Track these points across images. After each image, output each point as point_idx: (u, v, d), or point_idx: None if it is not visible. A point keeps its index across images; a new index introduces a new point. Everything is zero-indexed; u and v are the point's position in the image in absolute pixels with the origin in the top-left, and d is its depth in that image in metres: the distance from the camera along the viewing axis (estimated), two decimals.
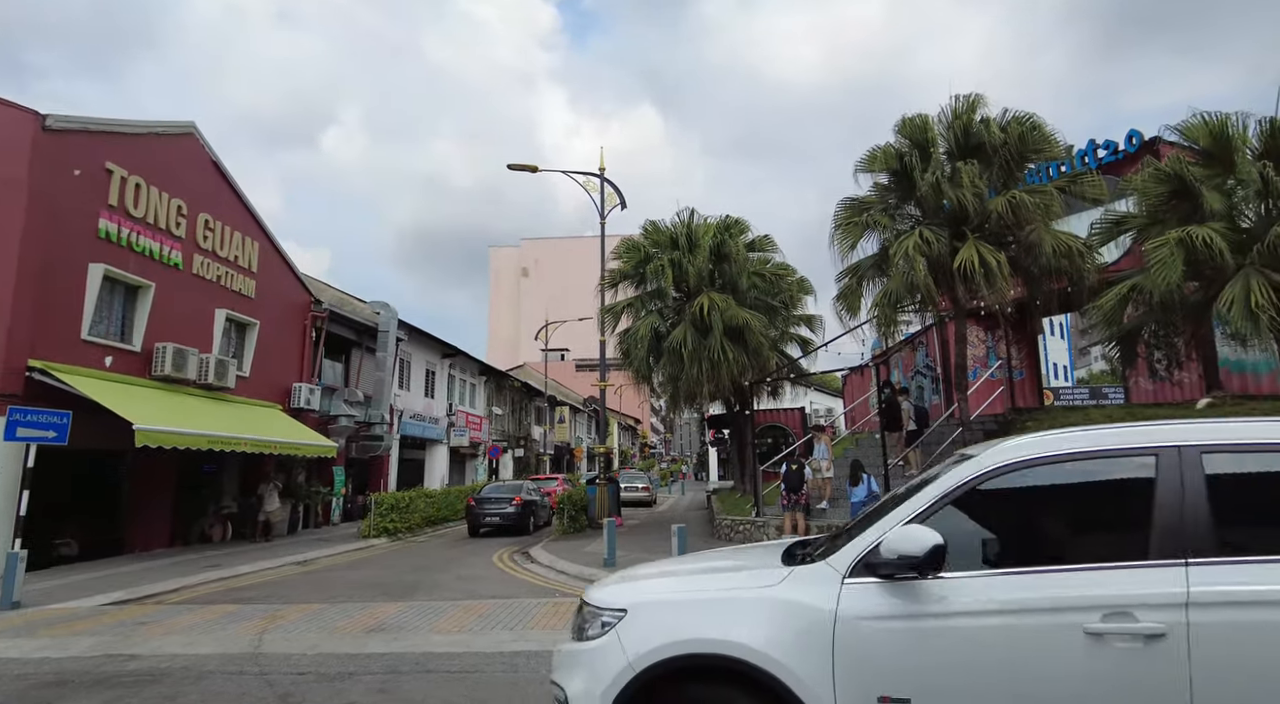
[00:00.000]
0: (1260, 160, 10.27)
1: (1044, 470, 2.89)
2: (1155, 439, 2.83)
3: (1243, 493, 2.74)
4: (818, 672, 2.75)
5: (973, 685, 2.65)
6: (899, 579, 2.79)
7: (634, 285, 19.51)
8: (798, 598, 2.89)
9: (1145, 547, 2.65)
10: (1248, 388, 14.89)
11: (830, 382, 50.00)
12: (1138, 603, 2.55)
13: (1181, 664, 2.47)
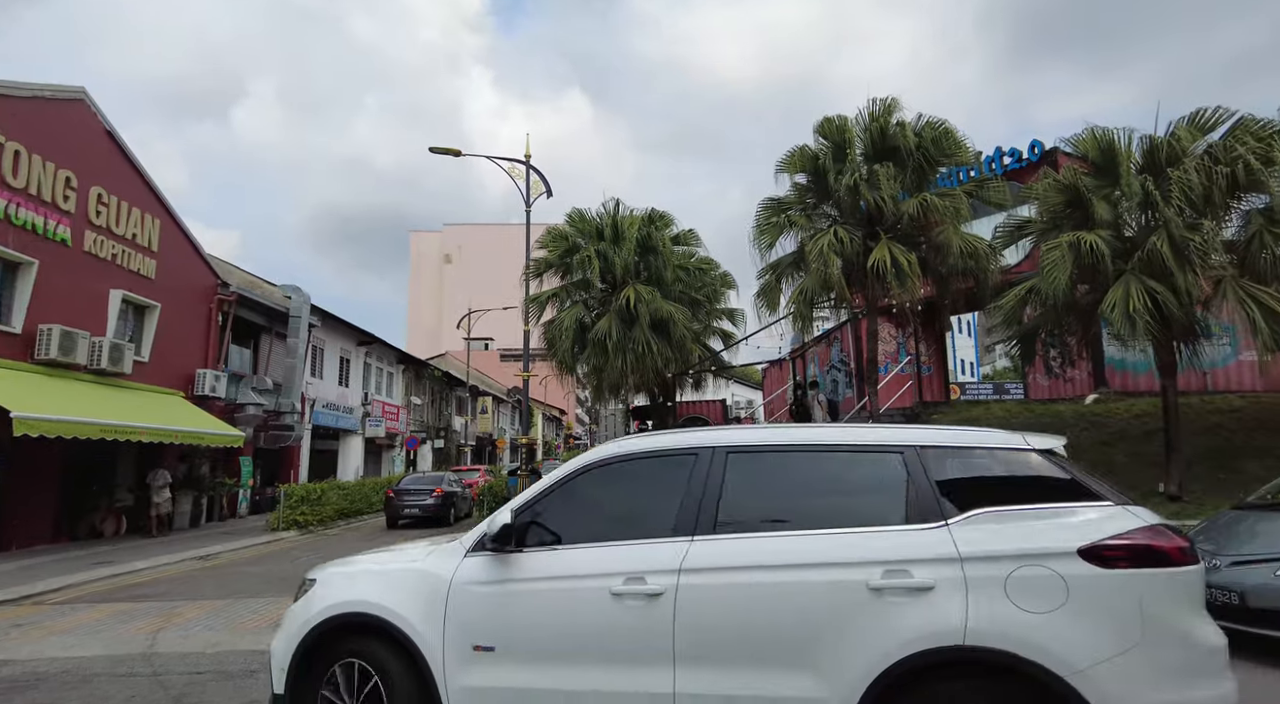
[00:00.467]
0: (1142, 174, 11.05)
1: (617, 467, 3.63)
2: (696, 442, 3.55)
3: (746, 484, 3.38)
4: (433, 627, 3.44)
5: (538, 637, 3.34)
6: (499, 552, 3.48)
7: (559, 275, 19.40)
8: (430, 568, 3.62)
9: (671, 526, 3.31)
10: (1129, 385, 16.06)
11: (751, 374, 51.08)
12: (649, 570, 3.21)
13: (669, 615, 3.13)
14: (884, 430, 3.53)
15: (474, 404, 48.68)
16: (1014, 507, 3.07)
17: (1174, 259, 9.96)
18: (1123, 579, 2.84)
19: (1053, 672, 2.73)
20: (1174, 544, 2.91)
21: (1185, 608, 2.88)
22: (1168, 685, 2.75)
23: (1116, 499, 3.07)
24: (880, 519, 3.15)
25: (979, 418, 15.40)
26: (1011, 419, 14.77)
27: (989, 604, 2.85)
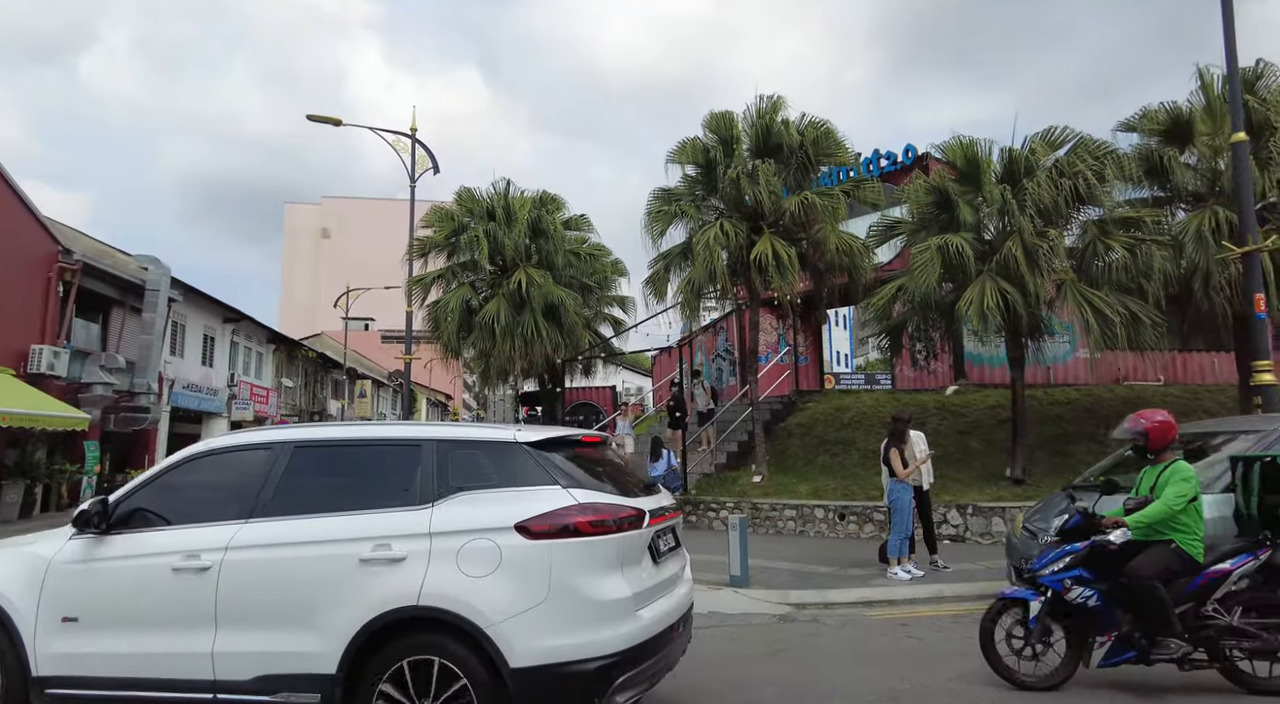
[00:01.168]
0: (1001, 183, 11.99)
1: (208, 459, 4.16)
2: (272, 438, 4.09)
3: (300, 474, 3.90)
4: (31, 602, 3.90)
5: (113, 607, 3.84)
6: (94, 534, 3.94)
7: (446, 255, 18.82)
8: (38, 550, 4.07)
9: (239, 510, 3.83)
10: (985, 378, 17.43)
11: (642, 362, 51.62)
12: (203, 548, 3.74)
13: (214, 586, 3.67)
14: (412, 427, 4.29)
15: (352, 387, 46.61)
16: (489, 490, 3.67)
17: (1025, 263, 10.87)
18: (542, 548, 3.44)
19: (475, 624, 3.34)
20: (587, 519, 3.52)
21: (594, 570, 3.49)
22: (566, 632, 3.37)
23: (566, 483, 3.66)
24: (391, 502, 3.70)
25: (849, 406, 16.28)
26: (879, 408, 15.69)
27: (441, 571, 3.44)
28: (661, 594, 3.88)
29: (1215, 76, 11.89)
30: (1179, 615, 4.65)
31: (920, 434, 9.76)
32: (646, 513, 3.81)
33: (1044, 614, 4.89)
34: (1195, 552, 4.78)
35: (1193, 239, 11.13)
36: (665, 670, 3.92)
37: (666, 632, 3.80)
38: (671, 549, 4.24)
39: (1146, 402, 15.57)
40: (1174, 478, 4.85)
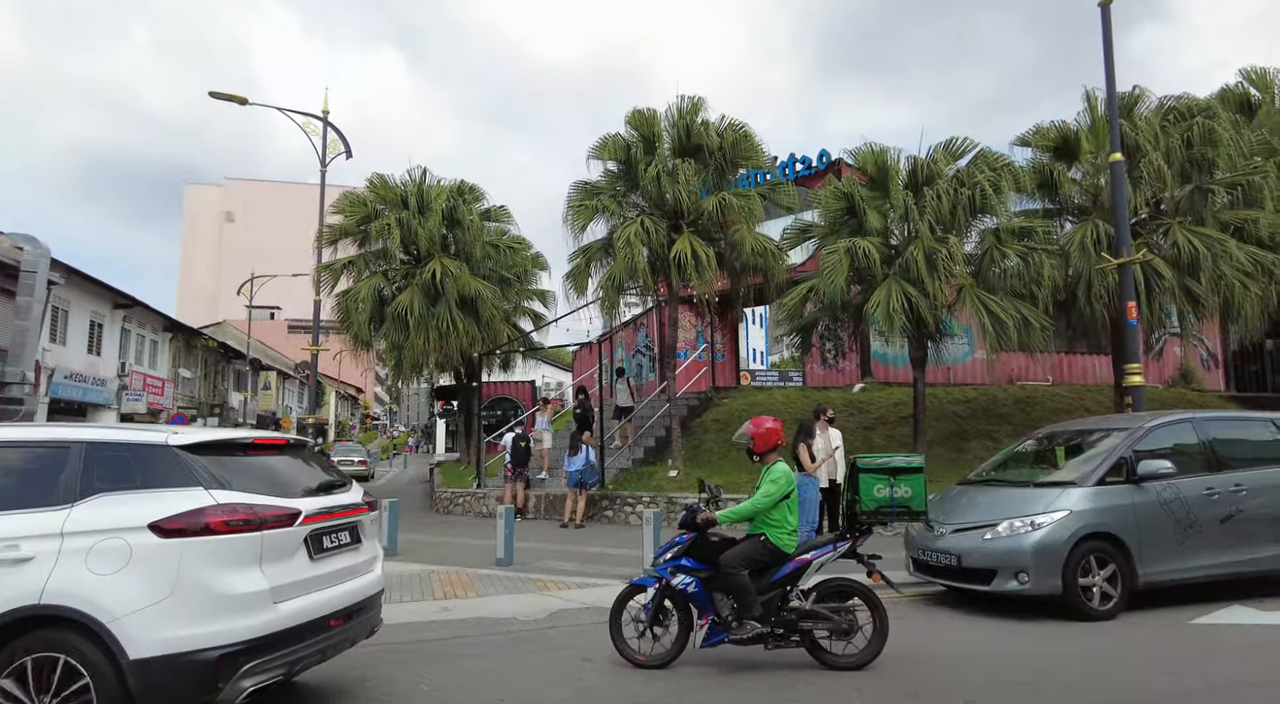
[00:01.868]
0: (906, 190, 12.56)
1: None
2: (60, 436, 4.08)
3: None
4: None
5: None
6: None
7: (357, 243, 18.19)
8: None
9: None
10: (889, 376, 18.20)
11: (562, 356, 51.33)
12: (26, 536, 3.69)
13: None
14: (62, 429, 4.28)
15: (256, 379, 44.48)
16: (132, 491, 3.81)
17: (925, 268, 11.42)
18: (173, 546, 3.64)
19: (98, 620, 3.49)
20: (223, 518, 3.74)
21: (227, 566, 3.72)
22: (190, 624, 3.58)
23: (210, 485, 3.85)
24: (30, 503, 3.80)
25: (762, 402, 16.70)
26: (790, 404, 16.16)
27: (68, 570, 3.58)
28: (320, 587, 4.16)
29: (1099, 99, 12.80)
30: (768, 600, 5.21)
31: (838, 432, 10.12)
32: (301, 513, 4.07)
33: (657, 600, 5.41)
34: (783, 544, 5.31)
35: (1077, 249, 11.96)
36: (318, 657, 4.18)
37: (318, 621, 4.08)
38: (345, 545, 4.49)
39: (1037, 400, 16.66)
40: (766, 478, 5.42)
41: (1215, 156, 12.41)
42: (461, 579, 9.01)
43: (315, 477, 4.64)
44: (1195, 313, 12.51)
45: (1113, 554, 6.67)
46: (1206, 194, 12.47)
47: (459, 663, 5.76)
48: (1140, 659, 5.49)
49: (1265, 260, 12.06)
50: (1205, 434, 7.51)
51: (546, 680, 5.30)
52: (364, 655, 5.93)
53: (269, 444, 4.59)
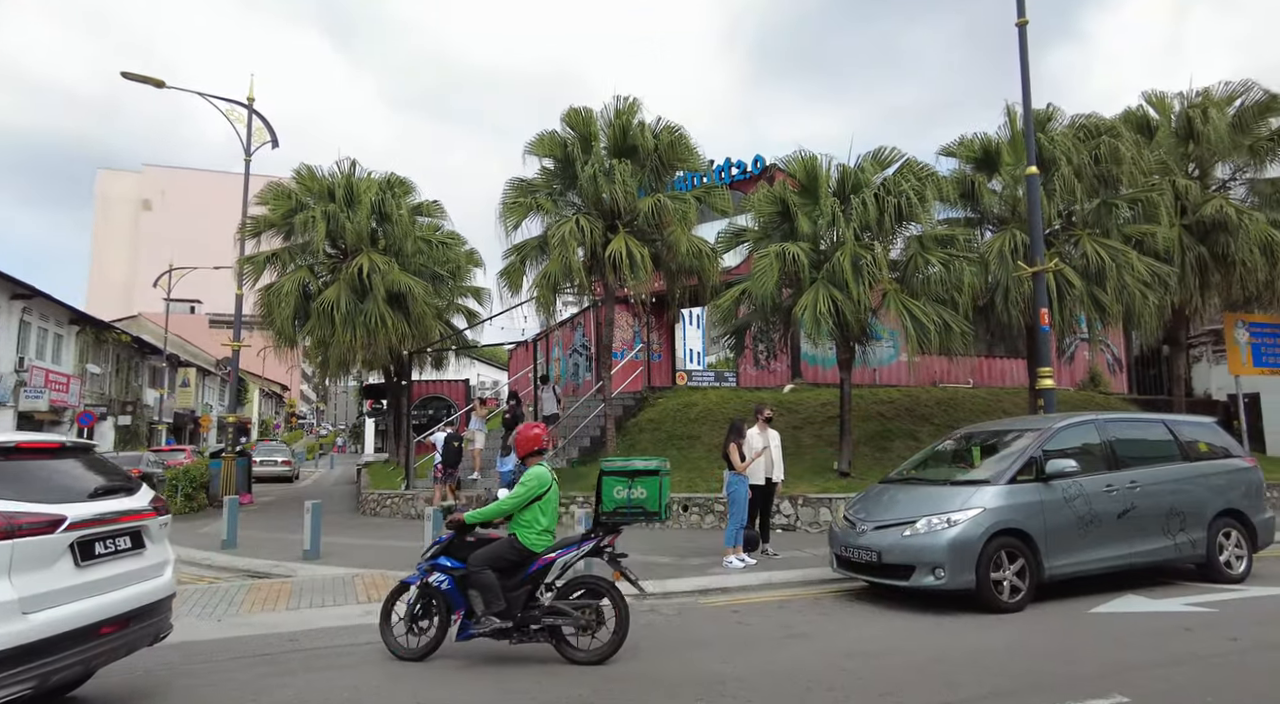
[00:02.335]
0: (835, 197, 12.89)
1: None
2: None
3: None
4: None
5: None
6: None
7: (282, 236, 17.55)
8: None
9: None
10: (818, 377, 18.65)
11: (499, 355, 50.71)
12: None
13: None
14: None
15: (173, 375, 42.44)
16: None
17: (851, 273, 11.75)
18: None
19: None
20: None
21: None
22: None
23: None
24: None
25: (697, 402, 16.89)
26: (724, 404, 16.39)
27: None
28: (88, 594, 4.10)
29: (1018, 113, 13.40)
30: (515, 597, 5.48)
31: (775, 432, 10.29)
32: (66, 519, 4.03)
33: (418, 596, 5.70)
34: (531, 543, 5.57)
35: (996, 258, 12.49)
36: (80, 667, 4.11)
37: (84, 630, 4.00)
38: (123, 551, 4.47)
39: (958, 401, 17.34)
40: (520, 481, 5.73)
41: (1119, 173, 13.16)
42: (387, 582, 8.78)
43: (93, 481, 4.57)
44: (1102, 320, 13.23)
45: (1022, 549, 6.99)
46: (1112, 208, 13.21)
47: (378, 669, 5.63)
48: (1045, 648, 5.77)
49: (1162, 272, 12.86)
50: (1107, 434, 7.96)
51: (461, 684, 5.23)
52: (285, 661, 5.75)
53: (37, 448, 4.48)
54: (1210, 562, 7.86)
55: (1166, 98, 15.87)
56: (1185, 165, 15.67)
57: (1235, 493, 8.18)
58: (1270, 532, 8.39)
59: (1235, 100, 15.48)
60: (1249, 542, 8.08)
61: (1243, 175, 15.98)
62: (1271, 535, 8.45)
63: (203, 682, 5.29)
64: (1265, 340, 16.67)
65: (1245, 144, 15.39)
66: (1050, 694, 4.66)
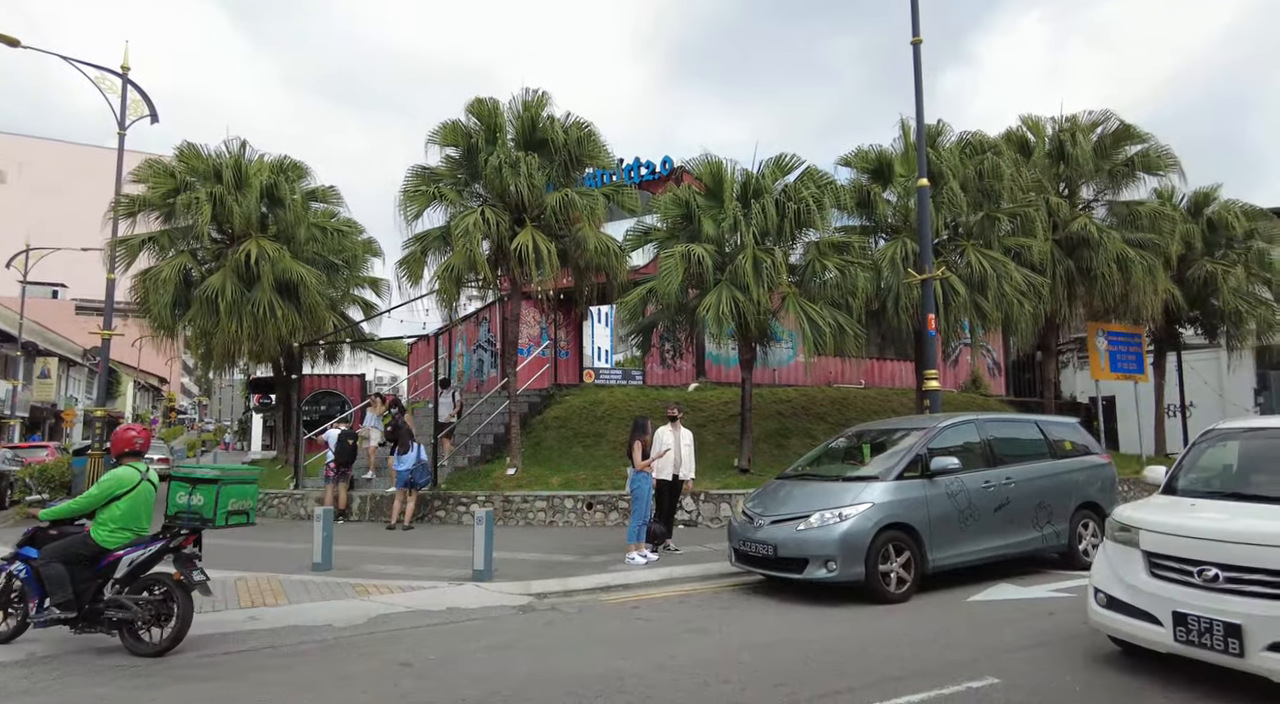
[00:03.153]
0: (738, 201, 13.19)
1: None
2: None
3: None
4: None
5: None
6: None
7: (162, 218, 16.30)
8: None
9: None
10: (722, 377, 19.03)
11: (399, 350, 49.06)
12: None
13: None
14: None
15: (31, 365, 38.77)
16: None
17: (752, 275, 12.05)
18: None
19: None
20: None
21: None
22: None
23: None
24: None
25: (604, 400, 16.89)
26: (630, 402, 16.48)
27: None
28: None
29: (912, 128, 14.10)
30: (85, 589, 5.75)
31: (687, 431, 10.40)
32: None
33: (5, 582, 6.03)
34: (103, 539, 5.84)
35: (888, 265, 13.10)
36: None
37: None
38: None
39: (851, 401, 18.10)
40: (98, 481, 6.06)
41: (1000, 189, 14.08)
42: (272, 586, 8.36)
43: None
44: (983, 326, 14.12)
45: (908, 542, 7.37)
46: (994, 221, 14.12)
47: (265, 675, 5.34)
48: (927, 636, 6.10)
49: (1036, 282, 13.85)
50: (985, 433, 8.51)
51: (360, 689, 5.03)
52: (155, 672, 5.35)
53: None
54: (1071, 551, 8.55)
55: (1040, 121, 17.11)
56: (1057, 184, 16.95)
57: (1093, 487, 8.92)
58: None
59: (1097, 127, 16.88)
60: (1103, 532, 8.82)
61: (1103, 197, 17.45)
62: None
63: None
64: (1120, 348, 18.29)
65: (1106, 168, 16.81)
66: (932, 679, 4.92)
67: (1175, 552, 4.64)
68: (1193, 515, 4.93)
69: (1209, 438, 5.79)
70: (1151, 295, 15.58)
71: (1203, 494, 5.27)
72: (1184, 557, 4.58)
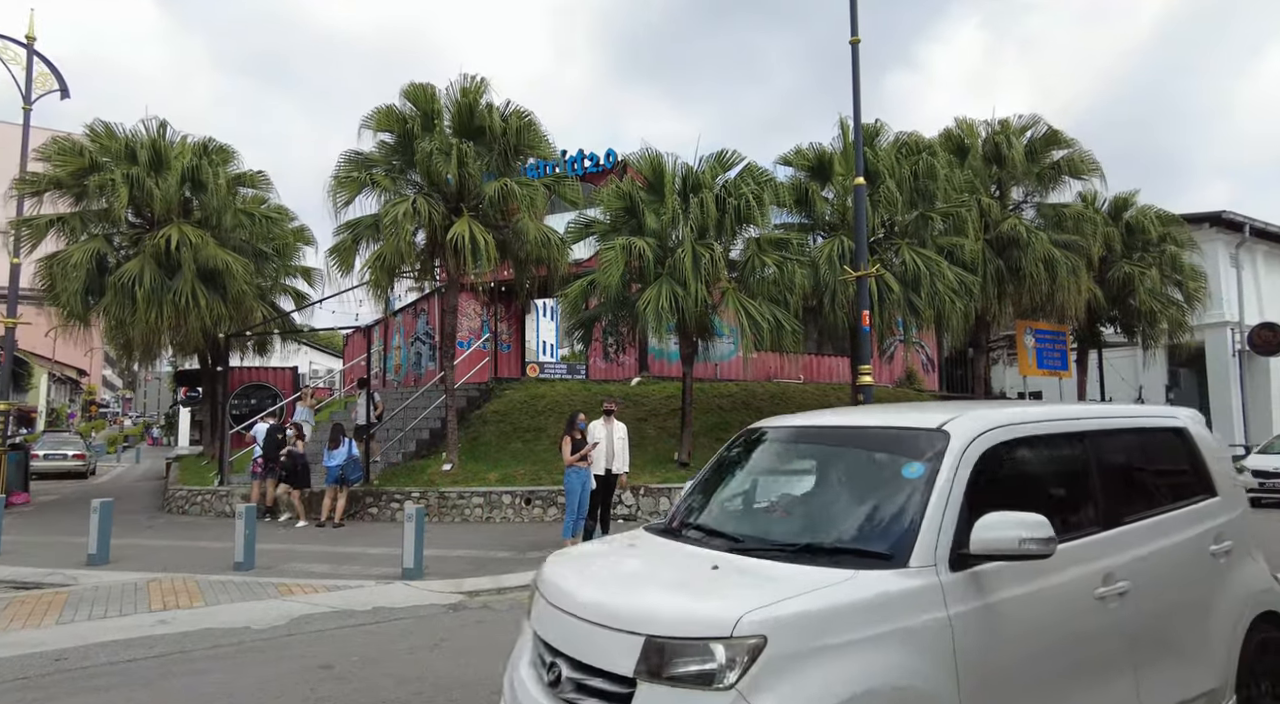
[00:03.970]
0: (678, 195, 13.19)
1: None
2: None
3: None
4: None
5: None
6: None
7: (72, 199, 15.37)
8: None
9: None
10: (664, 371, 19.05)
11: (335, 341, 47.69)
12: None
13: None
14: None
15: None
16: None
17: (691, 270, 12.06)
18: None
19: None
20: None
21: None
22: None
23: None
24: None
25: (545, 394, 16.73)
26: (572, 396, 16.35)
27: None
28: None
29: (851, 127, 14.32)
30: None
31: (620, 425, 10.32)
32: None
33: None
34: None
35: (826, 262, 13.28)
36: None
37: None
38: None
39: (789, 395, 18.33)
40: None
41: (935, 189, 14.42)
42: (188, 587, 7.99)
43: None
44: (917, 323, 14.44)
45: None
46: (928, 220, 14.45)
47: (173, 682, 5.08)
48: None
49: (968, 280, 14.24)
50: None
51: (274, 693, 4.82)
52: (45, 685, 5.02)
53: None
54: None
55: (974, 124, 17.61)
56: (989, 186, 17.47)
57: None
58: None
59: (1027, 131, 17.47)
60: None
61: (1032, 199, 18.07)
62: None
63: None
64: (1047, 346, 19.03)
65: (1035, 171, 17.41)
66: None
67: (546, 634, 2.92)
68: (583, 567, 3.28)
69: (742, 441, 3.99)
70: (1075, 295, 16.20)
71: (689, 527, 3.51)
72: (549, 643, 2.87)
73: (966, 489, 2.85)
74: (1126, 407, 5.03)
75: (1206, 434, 4.08)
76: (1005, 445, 3.11)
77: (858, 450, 3.49)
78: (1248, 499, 4.38)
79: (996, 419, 3.19)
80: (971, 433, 3.01)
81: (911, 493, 2.88)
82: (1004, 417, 3.26)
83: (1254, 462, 15.00)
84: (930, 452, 2.97)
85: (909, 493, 2.89)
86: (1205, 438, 4.03)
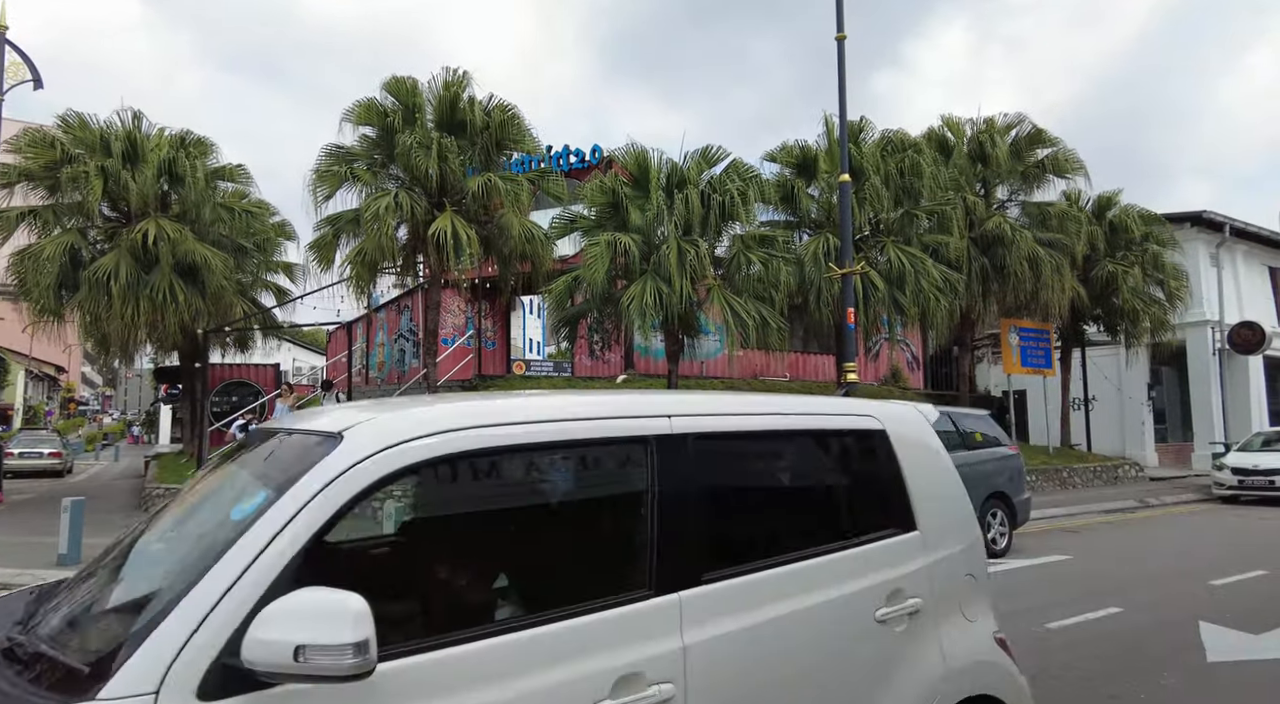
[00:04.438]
0: (663, 191, 13.08)
1: None
2: None
3: None
4: None
5: None
6: None
7: (44, 191, 15.05)
8: None
9: None
10: (650, 369, 18.96)
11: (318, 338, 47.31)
12: None
13: None
14: None
15: None
16: None
17: (677, 267, 11.97)
18: None
19: None
20: None
21: None
22: None
23: None
24: None
25: (531, 389, 16.58)
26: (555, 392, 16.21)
27: None
28: None
29: (836, 124, 14.27)
30: None
31: None
32: None
33: None
34: None
35: (811, 259, 13.24)
36: None
37: None
38: None
39: (776, 392, 18.28)
40: None
41: (920, 186, 14.43)
42: None
43: None
44: (902, 321, 14.44)
45: None
46: (913, 218, 14.46)
47: None
48: None
49: (953, 278, 14.26)
50: None
51: None
52: None
53: None
54: None
55: (960, 122, 17.63)
56: (974, 184, 17.51)
57: (1001, 478, 9.20)
58: (1027, 510, 9.53)
59: (1012, 130, 17.52)
60: (1010, 520, 9.11)
61: (1017, 197, 18.14)
62: (1028, 514, 9.60)
63: None
64: (1031, 344, 19.09)
65: (1019, 169, 17.46)
66: None
67: None
68: None
69: None
70: (1059, 293, 16.27)
71: None
72: None
73: (314, 542, 1.61)
74: (763, 399, 3.08)
75: (924, 440, 2.95)
76: (443, 462, 1.90)
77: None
78: (987, 537, 2.81)
79: (446, 420, 1.93)
80: (378, 442, 1.78)
81: (213, 546, 1.64)
82: (469, 415, 2.00)
83: (1233, 459, 15.14)
84: (297, 469, 1.75)
85: (211, 547, 1.65)
86: (916, 445, 2.88)
